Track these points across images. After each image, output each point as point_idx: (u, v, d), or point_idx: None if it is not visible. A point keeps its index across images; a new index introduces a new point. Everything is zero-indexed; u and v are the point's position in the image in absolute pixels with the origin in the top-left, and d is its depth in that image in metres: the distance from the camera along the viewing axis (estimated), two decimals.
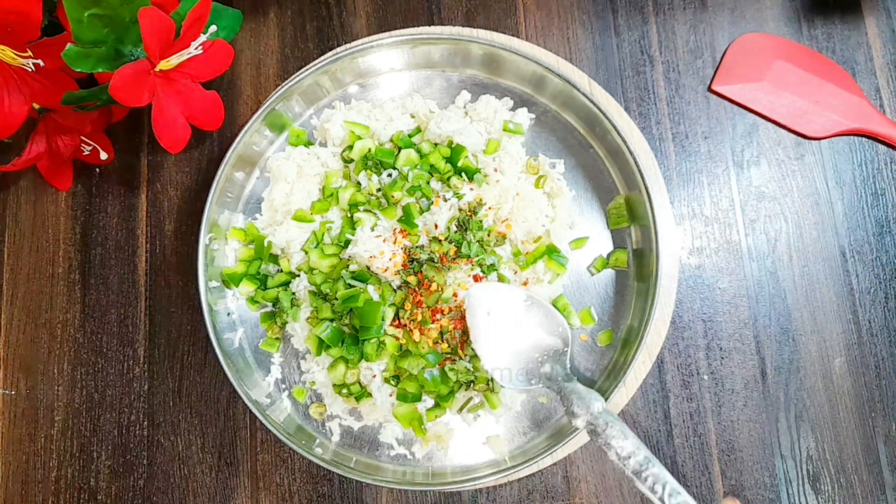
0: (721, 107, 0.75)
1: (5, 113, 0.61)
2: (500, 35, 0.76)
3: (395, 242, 0.67)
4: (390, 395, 0.66)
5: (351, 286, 0.66)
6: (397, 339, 0.66)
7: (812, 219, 0.72)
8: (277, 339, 0.70)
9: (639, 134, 0.73)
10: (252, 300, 0.70)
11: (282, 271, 0.70)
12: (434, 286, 0.65)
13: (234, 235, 0.72)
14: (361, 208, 0.69)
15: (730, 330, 0.70)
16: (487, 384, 0.66)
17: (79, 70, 0.58)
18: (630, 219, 0.70)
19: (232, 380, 0.64)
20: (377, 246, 0.66)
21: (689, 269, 0.72)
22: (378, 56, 0.73)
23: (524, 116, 0.72)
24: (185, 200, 0.76)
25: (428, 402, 0.68)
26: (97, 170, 0.77)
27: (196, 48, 0.63)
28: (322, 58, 0.73)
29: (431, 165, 0.69)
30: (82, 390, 0.72)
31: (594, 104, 0.68)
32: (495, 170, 0.70)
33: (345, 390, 0.66)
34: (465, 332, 0.66)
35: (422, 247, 0.67)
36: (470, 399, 0.67)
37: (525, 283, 0.68)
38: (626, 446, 0.54)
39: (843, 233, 0.72)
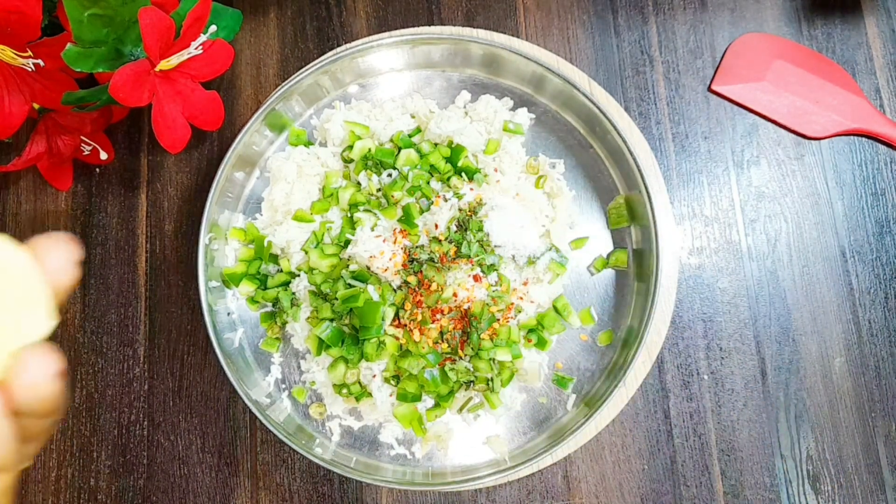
0: (721, 107, 0.75)
1: (5, 113, 0.61)
2: (500, 35, 0.76)
3: (395, 242, 0.67)
4: (390, 395, 0.66)
5: (351, 286, 0.66)
6: (397, 339, 0.66)
7: (812, 219, 0.72)
8: (277, 339, 0.70)
9: (639, 134, 0.73)
10: (252, 300, 0.70)
11: (282, 271, 0.70)
12: (434, 286, 0.65)
13: (234, 235, 0.72)
14: (361, 208, 0.69)
15: (730, 330, 0.70)
16: (487, 384, 0.66)
17: (79, 70, 0.58)
18: (630, 219, 0.70)
19: (232, 380, 0.64)
20: (377, 246, 0.66)
21: (689, 269, 0.72)
22: (378, 56, 0.73)
23: (524, 116, 0.72)
24: (185, 200, 0.76)
25: (428, 402, 0.68)
26: (97, 170, 0.77)
27: (196, 48, 0.63)
28: (322, 58, 0.73)
29: (431, 165, 0.69)
30: (82, 390, 0.72)
31: (594, 104, 0.68)
32: (495, 170, 0.70)
33: (345, 390, 0.66)
34: (465, 332, 0.66)
35: (422, 247, 0.67)
36: (470, 399, 0.67)
37: (525, 283, 0.68)
38: None
39: (843, 233, 0.72)
